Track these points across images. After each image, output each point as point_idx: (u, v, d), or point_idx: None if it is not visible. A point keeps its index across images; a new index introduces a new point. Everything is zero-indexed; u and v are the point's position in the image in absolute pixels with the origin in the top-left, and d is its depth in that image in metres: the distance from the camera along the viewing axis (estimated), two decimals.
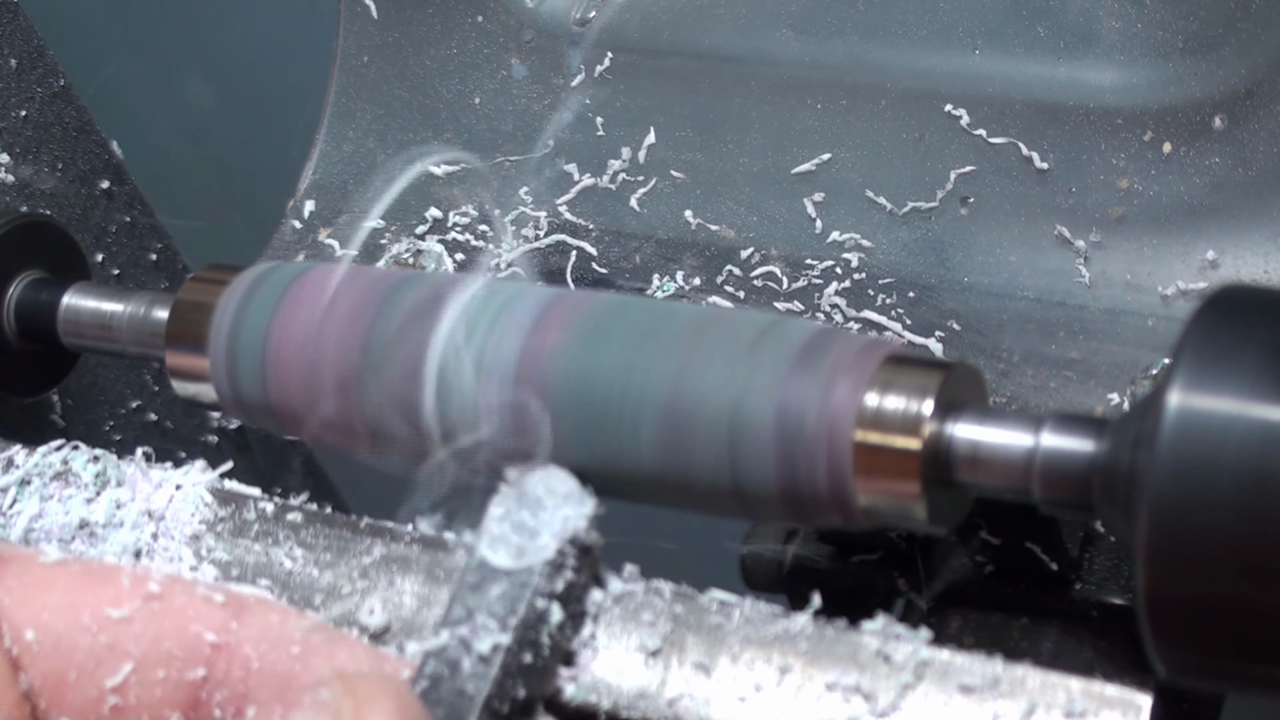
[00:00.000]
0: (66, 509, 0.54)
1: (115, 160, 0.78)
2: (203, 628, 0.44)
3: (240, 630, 0.45)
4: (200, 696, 0.44)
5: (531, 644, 0.46)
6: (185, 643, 0.44)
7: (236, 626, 0.45)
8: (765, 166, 0.71)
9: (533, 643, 0.46)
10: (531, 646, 0.46)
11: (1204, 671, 0.44)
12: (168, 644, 0.44)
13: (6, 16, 0.72)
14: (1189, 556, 0.42)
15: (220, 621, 0.45)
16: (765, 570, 0.69)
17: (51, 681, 0.43)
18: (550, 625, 0.46)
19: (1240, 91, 0.64)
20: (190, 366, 0.58)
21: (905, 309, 0.67)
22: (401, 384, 0.53)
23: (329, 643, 0.45)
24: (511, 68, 0.76)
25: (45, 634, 0.43)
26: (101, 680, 0.43)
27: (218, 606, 0.45)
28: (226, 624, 0.45)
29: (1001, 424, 0.48)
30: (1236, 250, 0.64)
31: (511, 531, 0.47)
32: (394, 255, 0.74)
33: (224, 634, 0.45)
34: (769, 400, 0.48)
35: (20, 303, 0.67)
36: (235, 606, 0.45)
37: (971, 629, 0.61)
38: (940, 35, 0.69)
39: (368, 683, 0.41)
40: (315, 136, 0.79)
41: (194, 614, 0.45)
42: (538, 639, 0.46)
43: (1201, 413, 0.42)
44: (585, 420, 0.50)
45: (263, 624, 0.45)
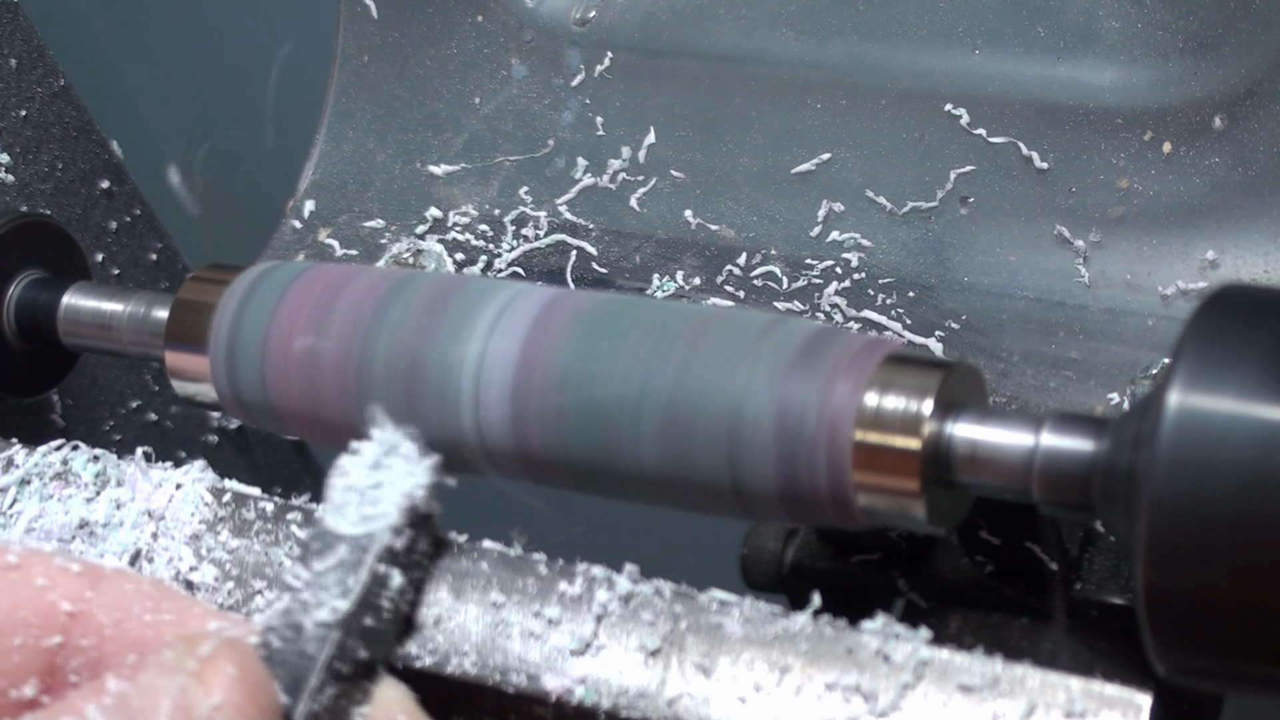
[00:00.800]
0: (66, 509, 0.54)
1: (115, 160, 0.78)
2: (58, 596, 0.46)
3: (96, 598, 0.46)
4: (56, 663, 0.46)
5: (372, 608, 0.47)
6: (41, 610, 0.45)
7: (92, 595, 0.46)
8: (765, 166, 0.71)
9: (373, 606, 0.47)
10: (372, 610, 0.47)
11: (1204, 671, 0.44)
12: (23, 612, 0.45)
13: (6, 16, 0.72)
14: (1189, 556, 0.42)
15: (76, 590, 0.46)
16: (765, 570, 0.69)
17: None
18: (391, 589, 0.48)
19: (1240, 91, 0.64)
20: (190, 366, 0.58)
21: (905, 309, 0.67)
22: (402, 383, 0.53)
23: (181, 609, 0.47)
24: (511, 68, 0.76)
25: None
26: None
27: (74, 576, 0.46)
28: (82, 593, 0.46)
29: (1001, 424, 0.48)
30: (1236, 250, 0.64)
31: (354, 497, 0.48)
32: (394, 255, 0.74)
33: (79, 602, 0.46)
34: (769, 400, 0.48)
35: (20, 302, 0.67)
36: (92, 576, 0.47)
37: (971, 629, 0.61)
38: (940, 35, 0.69)
39: (211, 643, 0.43)
40: (315, 136, 0.79)
41: (50, 583, 0.46)
42: (378, 603, 0.47)
43: (1201, 413, 0.42)
44: (585, 420, 0.50)
45: (118, 592, 0.46)
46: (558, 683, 0.47)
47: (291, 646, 0.46)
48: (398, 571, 0.48)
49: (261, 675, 0.43)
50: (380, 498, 0.48)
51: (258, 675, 0.43)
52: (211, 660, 0.42)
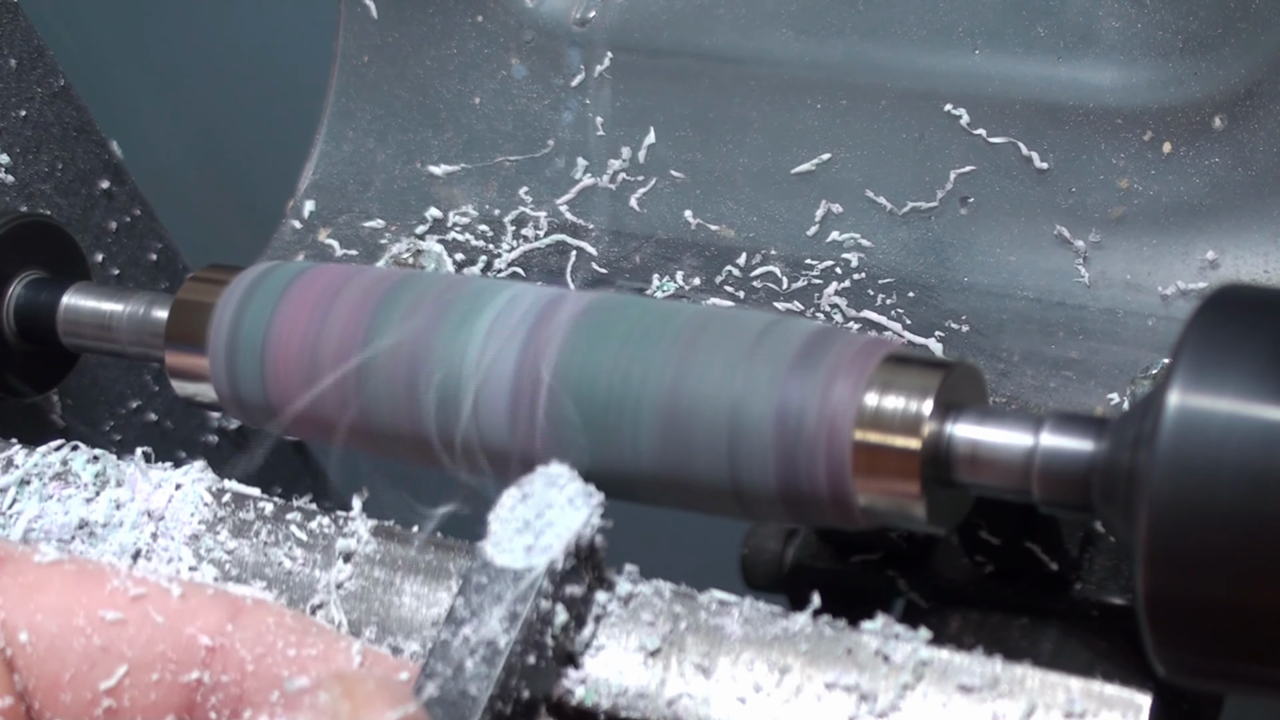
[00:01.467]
0: (66, 509, 0.54)
1: (115, 160, 0.78)
2: (197, 630, 0.44)
3: (236, 632, 0.44)
4: (195, 699, 0.44)
5: (535, 645, 0.46)
6: (180, 645, 0.44)
7: (232, 629, 0.45)
8: (765, 166, 0.71)
9: (537, 644, 0.46)
10: (535, 648, 0.46)
11: (1203, 671, 0.44)
12: (162, 646, 0.44)
13: (6, 16, 0.72)
14: (1189, 556, 0.42)
15: (216, 624, 0.44)
16: (765, 570, 0.69)
17: (45, 683, 0.43)
18: (554, 627, 0.46)
19: (1240, 91, 0.64)
20: (190, 366, 0.58)
21: (905, 309, 0.67)
22: (402, 383, 0.53)
23: (326, 644, 0.45)
24: (511, 68, 0.76)
25: (39, 635, 0.43)
26: (95, 682, 0.43)
27: (213, 608, 0.45)
28: (222, 626, 0.44)
29: (1001, 424, 0.48)
30: (1236, 250, 0.64)
31: (517, 532, 0.47)
32: (394, 255, 0.74)
33: (219, 636, 0.44)
34: (769, 400, 0.48)
35: (20, 303, 0.67)
36: (231, 608, 0.45)
37: (971, 629, 0.61)
38: (940, 35, 0.69)
39: (366, 684, 0.41)
40: (315, 136, 0.79)
41: (189, 616, 0.44)
42: (542, 640, 0.46)
43: (1201, 412, 0.42)
44: (585, 420, 0.50)
45: (258, 626, 0.45)
46: (557, 685, 0.47)
47: (451, 686, 0.44)
48: (562, 608, 0.47)
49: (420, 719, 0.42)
50: (545, 531, 0.47)
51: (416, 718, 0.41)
52: (369, 702, 0.40)
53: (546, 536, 0.47)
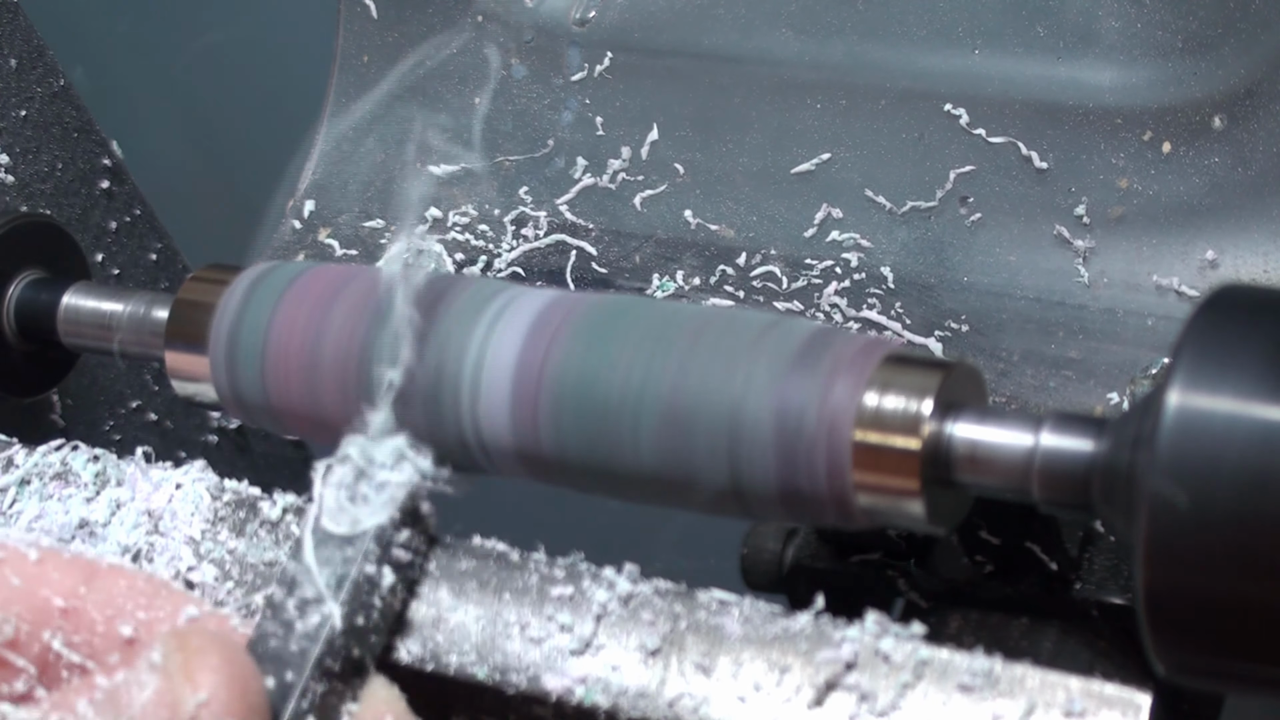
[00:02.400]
0: (66, 509, 0.54)
1: (115, 160, 0.78)
2: (51, 592, 0.46)
3: (89, 594, 0.46)
4: (49, 659, 0.46)
5: (363, 606, 0.47)
6: (34, 606, 0.46)
7: (85, 591, 0.46)
8: (765, 166, 0.71)
9: (364, 605, 0.47)
10: (363, 609, 0.47)
11: (1203, 671, 0.44)
12: (17, 607, 0.46)
13: (6, 16, 0.72)
14: (1189, 556, 0.42)
15: (69, 587, 0.46)
16: (765, 570, 0.69)
17: None
18: (382, 589, 0.48)
19: (1240, 91, 0.64)
20: (190, 366, 0.58)
21: (905, 309, 0.67)
22: (401, 383, 0.53)
23: (174, 605, 0.47)
24: (511, 68, 0.76)
25: None
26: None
27: (68, 571, 0.47)
28: (75, 589, 0.46)
29: (1001, 423, 0.48)
30: (1236, 250, 0.64)
31: (346, 498, 0.48)
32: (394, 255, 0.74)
33: (72, 599, 0.46)
34: (769, 400, 0.48)
35: (20, 302, 0.67)
36: (86, 571, 0.47)
37: (971, 629, 0.61)
38: (940, 35, 0.69)
39: (199, 638, 0.43)
40: (315, 136, 0.79)
41: (44, 579, 0.46)
42: (369, 601, 0.48)
43: (1201, 412, 0.42)
44: (585, 420, 0.50)
45: (110, 588, 0.47)
46: (558, 683, 0.47)
47: (282, 644, 0.46)
48: (389, 570, 0.48)
49: (250, 672, 0.44)
50: (372, 496, 0.48)
51: (246, 672, 0.43)
52: (199, 656, 0.43)
53: (374, 503, 0.48)
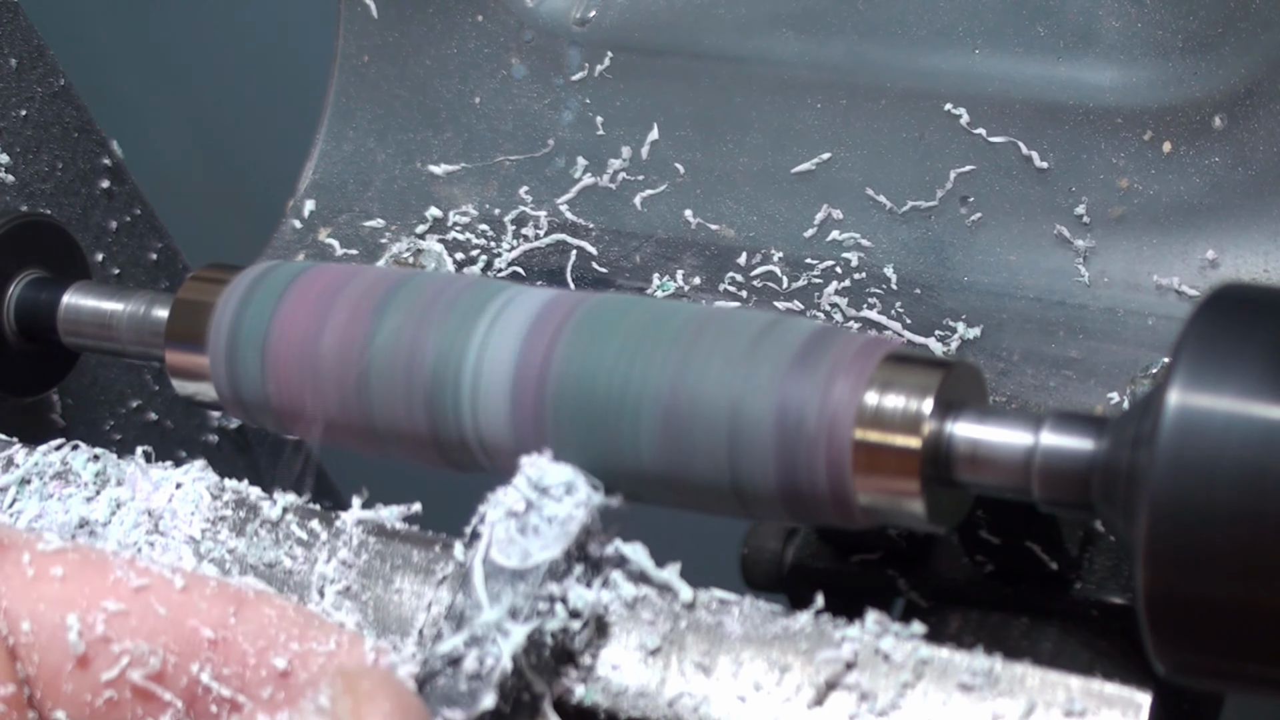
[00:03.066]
0: (66, 508, 0.54)
1: (115, 160, 0.78)
2: (200, 622, 0.44)
3: (238, 625, 0.44)
4: (197, 692, 0.44)
5: (535, 643, 0.46)
6: (182, 637, 0.44)
7: (234, 621, 0.44)
8: (765, 166, 0.71)
9: (536, 642, 0.46)
10: (535, 646, 0.46)
11: (1203, 671, 0.44)
12: (164, 638, 0.44)
13: (6, 16, 0.72)
14: (1189, 556, 0.42)
15: (218, 616, 0.44)
16: (765, 570, 0.69)
17: (47, 672, 0.43)
18: (554, 624, 0.46)
19: (1240, 91, 0.64)
20: (190, 365, 0.58)
21: (905, 309, 0.67)
22: (401, 383, 0.53)
23: (329, 639, 0.45)
24: (511, 68, 0.76)
25: (41, 624, 0.43)
26: (97, 673, 0.43)
27: (216, 601, 0.45)
28: (224, 619, 0.44)
29: (1001, 423, 0.48)
30: (1236, 249, 0.64)
31: (517, 530, 0.47)
32: (394, 255, 0.74)
33: (221, 629, 0.44)
34: (769, 399, 0.48)
35: (20, 302, 0.67)
36: (234, 600, 0.45)
37: (971, 628, 0.61)
38: (940, 35, 0.69)
39: (368, 681, 0.41)
40: (315, 136, 0.79)
41: (191, 608, 0.44)
42: (541, 638, 0.46)
43: (1201, 412, 0.42)
44: (585, 420, 0.50)
45: (260, 619, 0.45)
46: (558, 683, 0.47)
47: (451, 684, 0.44)
48: (561, 606, 0.46)
49: (421, 715, 0.42)
50: (545, 528, 0.47)
51: (417, 715, 0.42)
52: (370, 702, 0.41)
53: (546, 535, 0.47)
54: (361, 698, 0.41)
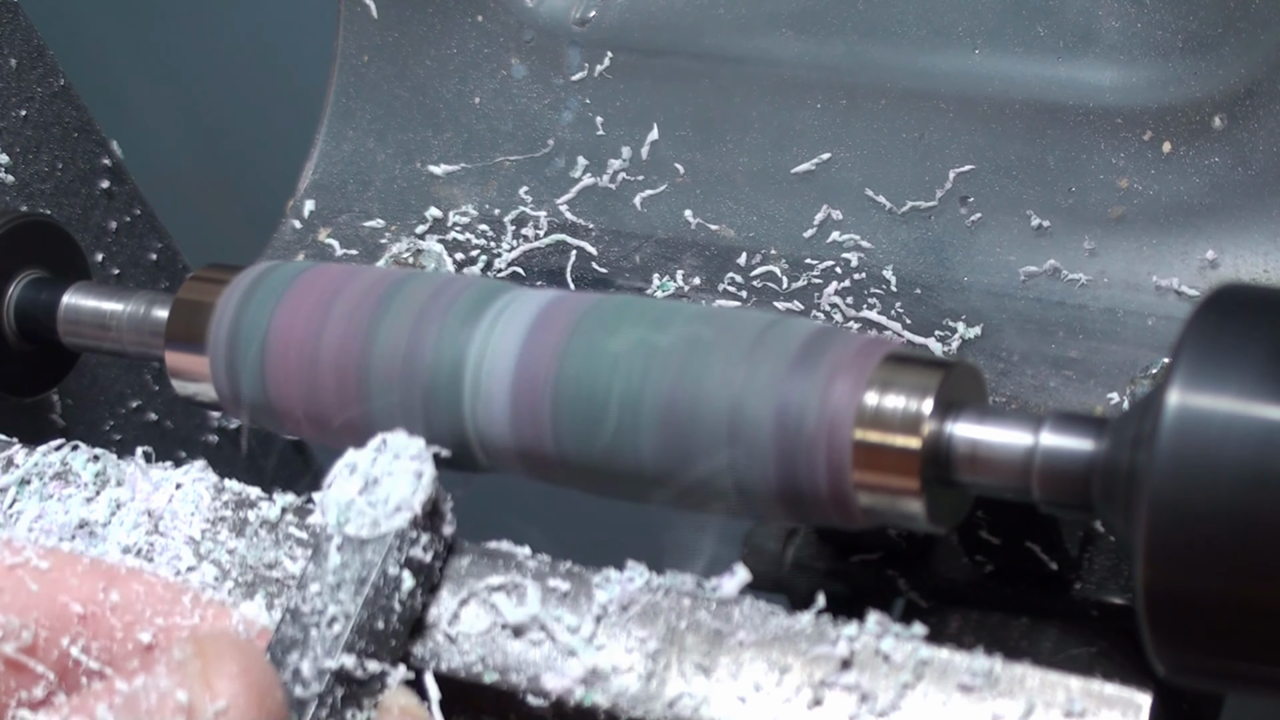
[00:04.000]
0: (66, 508, 0.54)
1: (115, 160, 0.78)
2: (70, 598, 0.46)
3: (107, 601, 0.47)
4: (68, 665, 0.46)
5: (383, 609, 0.47)
6: (53, 611, 0.46)
7: (104, 597, 0.47)
8: (765, 166, 0.71)
9: (384, 608, 0.47)
10: (383, 612, 0.47)
11: (1203, 671, 0.44)
12: (36, 613, 0.46)
13: (6, 16, 0.72)
14: (1188, 556, 0.42)
15: (89, 592, 0.46)
16: (765, 570, 0.69)
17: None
18: (401, 592, 0.48)
19: (1240, 91, 0.64)
20: (190, 366, 0.58)
21: (905, 309, 0.67)
22: (401, 383, 0.53)
23: (194, 609, 0.47)
24: (511, 68, 0.76)
25: None
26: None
27: (87, 577, 0.47)
28: (94, 594, 0.46)
29: (1001, 423, 0.48)
30: (1236, 250, 0.64)
31: (364, 501, 0.48)
32: (394, 255, 0.74)
33: (91, 604, 0.46)
34: (768, 399, 0.48)
35: (20, 302, 0.67)
36: (105, 577, 0.47)
37: (971, 628, 0.61)
38: (940, 35, 0.69)
39: (217, 643, 0.43)
40: (315, 136, 0.79)
41: (62, 585, 0.46)
42: (389, 604, 0.47)
43: (1201, 412, 0.42)
44: (585, 420, 0.50)
45: (129, 594, 0.47)
46: (558, 683, 0.47)
47: (302, 649, 0.46)
48: (408, 574, 0.48)
49: (269, 678, 0.44)
50: (390, 499, 0.48)
51: (265, 679, 0.43)
52: (218, 662, 0.43)
53: (392, 505, 0.48)
54: (210, 659, 0.43)
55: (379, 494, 0.48)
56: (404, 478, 0.49)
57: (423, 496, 0.48)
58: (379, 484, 0.49)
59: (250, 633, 0.48)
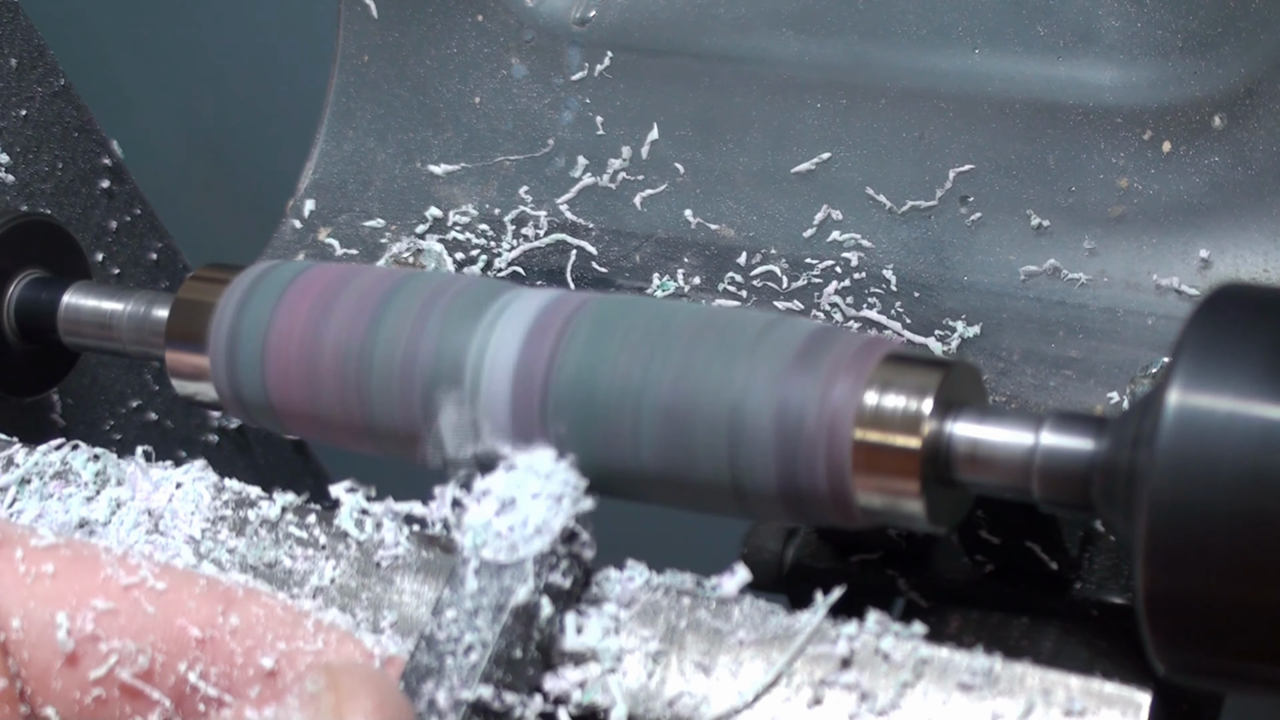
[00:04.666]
0: (66, 508, 0.54)
1: (115, 160, 0.78)
2: (188, 621, 0.45)
3: (225, 624, 0.45)
4: (185, 690, 0.44)
5: (520, 637, 0.46)
6: (170, 636, 0.44)
7: (223, 620, 0.45)
8: (765, 166, 0.71)
9: (522, 636, 0.46)
10: (520, 640, 0.46)
11: (1203, 671, 0.44)
12: (152, 636, 0.44)
13: (6, 16, 0.72)
14: (1188, 556, 0.42)
15: (206, 616, 0.45)
16: (765, 570, 0.69)
17: (37, 669, 0.43)
18: (539, 619, 0.46)
19: (1240, 91, 0.64)
20: (190, 365, 0.58)
21: (905, 308, 0.67)
22: (401, 383, 0.53)
23: (315, 637, 0.45)
24: (511, 67, 0.77)
25: (31, 622, 0.44)
26: (86, 671, 0.43)
27: (204, 600, 0.45)
28: (212, 618, 0.45)
29: (1001, 423, 0.48)
30: (1236, 249, 0.64)
31: (503, 524, 0.47)
32: (394, 254, 0.74)
33: (209, 628, 0.45)
34: (769, 399, 0.48)
35: (20, 302, 0.67)
36: (223, 599, 0.45)
37: (971, 628, 0.61)
38: (940, 35, 0.69)
39: (351, 676, 0.41)
40: (315, 136, 0.79)
41: (179, 607, 0.45)
42: (526, 633, 0.46)
43: (1201, 411, 0.42)
44: (585, 420, 0.50)
45: (249, 618, 0.45)
46: (558, 683, 0.47)
47: (437, 678, 0.44)
48: (547, 600, 0.46)
49: (404, 712, 0.42)
50: (529, 523, 0.47)
51: (400, 713, 0.42)
52: (352, 698, 0.41)
53: (531, 527, 0.47)
54: (344, 694, 0.41)
55: (517, 517, 0.47)
56: (543, 500, 0.47)
57: (563, 520, 0.47)
58: (516, 506, 0.47)
59: (381, 662, 0.46)
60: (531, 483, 0.48)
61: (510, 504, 0.47)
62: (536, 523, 0.47)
